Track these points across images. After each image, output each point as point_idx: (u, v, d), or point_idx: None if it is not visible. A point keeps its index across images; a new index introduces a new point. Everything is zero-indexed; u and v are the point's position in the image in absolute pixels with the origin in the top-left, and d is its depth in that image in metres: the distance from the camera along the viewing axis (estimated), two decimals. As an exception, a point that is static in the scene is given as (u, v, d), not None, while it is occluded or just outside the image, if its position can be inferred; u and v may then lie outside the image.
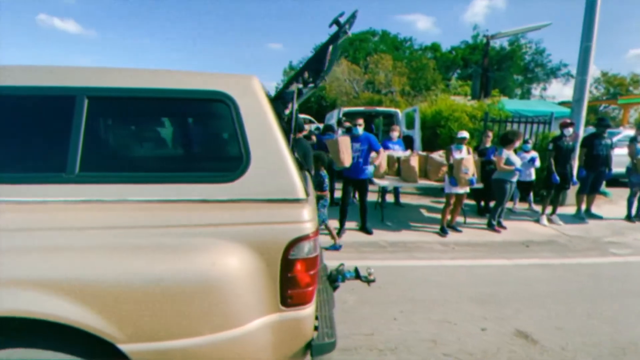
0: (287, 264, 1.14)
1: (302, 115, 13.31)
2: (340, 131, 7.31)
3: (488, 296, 3.06)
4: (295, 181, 1.23)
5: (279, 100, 1.40)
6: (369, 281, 1.95)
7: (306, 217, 1.18)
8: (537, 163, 5.40)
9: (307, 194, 1.26)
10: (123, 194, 1.18)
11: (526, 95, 30.36)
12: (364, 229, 4.71)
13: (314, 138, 7.13)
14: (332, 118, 8.88)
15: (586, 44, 6.06)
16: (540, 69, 30.75)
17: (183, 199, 1.18)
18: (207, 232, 1.11)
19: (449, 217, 4.84)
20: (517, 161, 4.75)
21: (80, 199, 1.18)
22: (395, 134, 5.99)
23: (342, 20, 1.40)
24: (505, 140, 4.80)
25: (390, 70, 19.76)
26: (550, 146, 5.14)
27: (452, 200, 4.69)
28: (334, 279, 1.88)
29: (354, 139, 4.44)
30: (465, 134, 4.72)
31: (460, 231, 4.87)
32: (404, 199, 6.62)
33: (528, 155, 5.47)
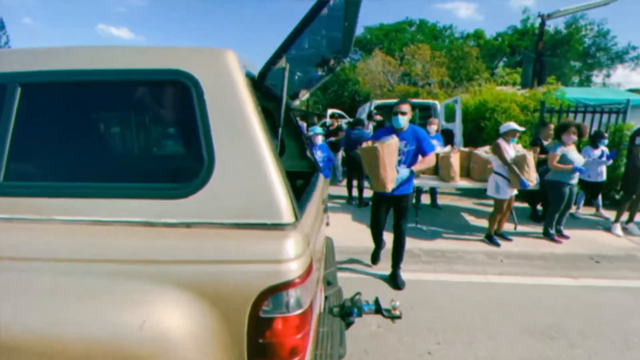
0: (257, 324, 0.75)
1: (332, 110, 12.91)
2: (370, 125, 6.81)
3: (550, 327, 2.46)
4: (278, 197, 0.84)
5: (264, 80, 1.00)
6: (392, 317, 1.52)
7: (291, 253, 0.79)
8: (610, 160, 4.51)
9: (297, 216, 0.87)
10: (46, 211, 0.87)
11: (585, 83, 27.18)
12: (394, 276, 3.08)
13: (341, 133, 6.71)
14: (364, 112, 8.36)
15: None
16: (603, 53, 27.30)
17: (119, 220, 0.84)
18: (142, 272, 0.77)
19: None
20: (578, 159, 3.92)
21: (-3, 217, 0.89)
22: (433, 128, 5.36)
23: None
24: (561, 131, 4.00)
25: (427, 60, 18.58)
26: None
27: (506, 205, 4.02)
28: (348, 312, 1.47)
29: (395, 134, 2.85)
30: (514, 125, 3.97)
31: (510, 239, 4.18)
32: (442, 200, 5.97)
33: (597, 152, 4.58)
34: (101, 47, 0.97)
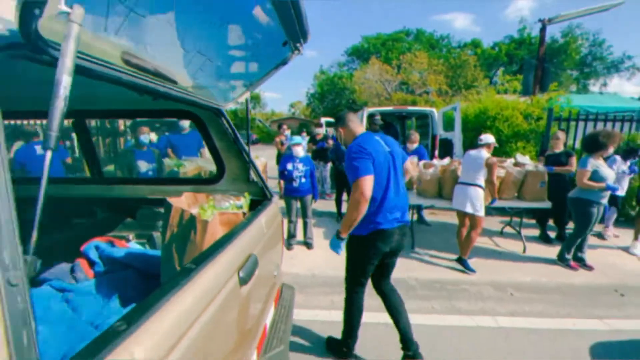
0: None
1: (325, 119, 12.42)
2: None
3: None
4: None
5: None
6: None
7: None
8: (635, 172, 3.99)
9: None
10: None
11: (582, 92, 27.10)
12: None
13: (330, 142, 6.19)
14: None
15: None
16: (599, 62, 27.18)
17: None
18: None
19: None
20: (610, 175, 3.34)
21: None
22: (412, 145, 4.74)
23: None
24: (593, 144, 3.39)
25: (425, 69, 18.26)
26: None
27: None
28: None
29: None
30: (491, 138, 3.49)
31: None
32: (441, 217, 5.41)
33: (623, 165, 4.07)
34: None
